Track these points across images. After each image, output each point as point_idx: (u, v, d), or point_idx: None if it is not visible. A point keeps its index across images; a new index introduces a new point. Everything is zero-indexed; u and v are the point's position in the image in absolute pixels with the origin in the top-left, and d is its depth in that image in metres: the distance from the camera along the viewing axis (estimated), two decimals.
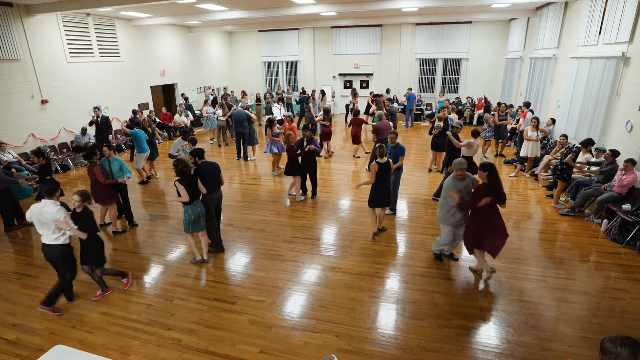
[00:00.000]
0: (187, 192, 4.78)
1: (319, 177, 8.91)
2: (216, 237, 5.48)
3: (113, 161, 6.03)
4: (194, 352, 3.65)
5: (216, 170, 5.29)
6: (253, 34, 18.57)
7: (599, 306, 4.21)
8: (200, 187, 5.04)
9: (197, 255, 5.29)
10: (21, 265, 5.35)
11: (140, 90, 13.32)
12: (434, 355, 3.55)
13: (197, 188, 4.98)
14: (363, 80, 17.97)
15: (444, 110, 9.99)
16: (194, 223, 4.99)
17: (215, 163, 5.37)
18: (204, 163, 5.25)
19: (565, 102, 9.33)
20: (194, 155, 5.30)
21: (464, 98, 16.37)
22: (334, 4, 10.82)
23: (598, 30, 7.96)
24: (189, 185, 4.82)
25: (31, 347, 3.76)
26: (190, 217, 4.94)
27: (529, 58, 12.34)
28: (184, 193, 4.77)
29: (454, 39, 16.03)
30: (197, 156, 5.27)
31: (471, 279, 4.77)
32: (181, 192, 4.78)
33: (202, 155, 5.29)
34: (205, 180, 5.12)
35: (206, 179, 5.14)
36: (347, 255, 5.41)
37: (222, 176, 5.42)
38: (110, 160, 6.03)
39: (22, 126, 9.39)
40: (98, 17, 11.23)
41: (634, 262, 5.11)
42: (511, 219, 6.55)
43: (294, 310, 4.25)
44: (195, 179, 4.98)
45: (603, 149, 6.75)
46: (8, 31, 8.77)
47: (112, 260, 5.43)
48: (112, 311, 4.29)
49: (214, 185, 5.28)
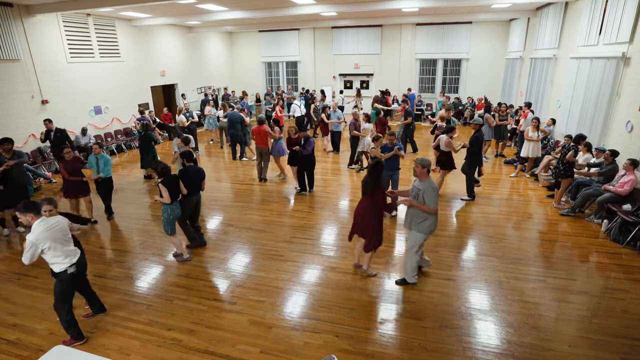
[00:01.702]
0: (169, 193, 4.90)
1: (320, 178, 8.93)
2: (191, 235, 5.63)
3: (100, 158, 6.41)
4: (194, 352, 3.65)
5: (199, 175, 5.44)
6: (253, 34, 18.58)
7: (599, 306, 4.21)
8: (182, 187, 5.13)
9: (184, 254, 5.36)
10: (21, 265, 5.34)
11: (140, 90, 13.33)
12: (434, 355, 3.55)
13: (178, 189, 5.09)
14: (363, 80, 17.98)
15: (449, 113, 9.92)
16: (171, 223, 5.09)
17: (201, 169, 5.53)
18: (190, 166, 5.38)
19: (565, 102, 9.33)
20: (182, 156, 5.46)
21: (464, 98, 16.37)
22: (334, 4, 10.82)
23: (598, 30, 7.97)
24: (170, 186, 4.93)
25: (31, 347, 3.76)
26: (169, 217, 5.05)
27: (529, 58, 12.34)
28: (165, 194, 4.88)
29: (454, 39, 16.04)
30: (185, 158, 5.42)
31: (471, 279, 4.76)
32: (163, 194, 4.90)
33: (190, 158, 5.42)
34: (187, 182, 5.25)
35: (189, 181, 5.27)
36: (347, 255, 5.41)
37: (204, 183, 5.58)
38: (98, 157, 6.40)
39: (22, 126, 9.40)
40: (98, 17, 11.24)
41: (634, 262, 5.11)
42: (511, 219, 6.55)
43: (294, 310, 4.25)
44: (177, 180, 5.09)
45: (603, 149, 6.75)
46: (8, 31, 8.78)
47: (112, 260, 5.44)
48: (112, 311, 4.28)
49: (195, 188, 5.39)
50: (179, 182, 5.12)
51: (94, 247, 5.86)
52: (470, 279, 4.78)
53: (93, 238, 6.18)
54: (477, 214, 6.76)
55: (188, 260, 5.34)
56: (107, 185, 6.67)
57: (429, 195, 4.15)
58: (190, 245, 5.67)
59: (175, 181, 5.04)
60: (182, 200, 5.23)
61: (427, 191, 4.16)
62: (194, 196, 5.41)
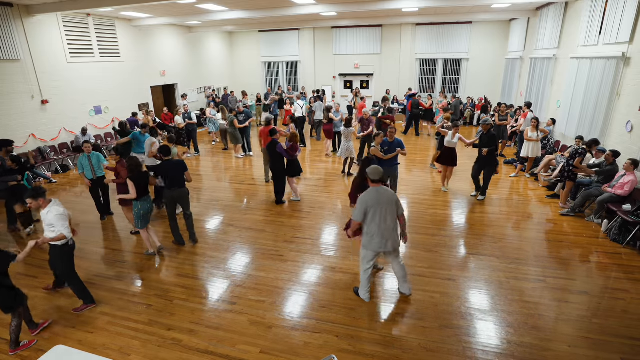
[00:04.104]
0: (136, 189, 5.10)
1: (320, 177, 8.93)
2: (175, 232, 5.74)
3: (92, 156, 6.38)
4: (194, 352, 3.65)
5: (180, 168, 5.48)
6: (253, 34, 18.58)
7: (599, 306, 4.21)
8: (131, 188, 5.11)
9: (149, 248, 5.52)
10: (21, 265, 5.34)
11: (140, 90, 13.33)
12: (434, 355, 3.55)
13: (146, 185, 5.27)
14: (363, 80, 17.98)
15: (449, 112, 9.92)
16: (142, 217, 5.25)
17: (181, 161, 5.56)
18: (168, 161, 5.44)
19: (565, 102, 9.33)
20: (160, 151, 5.59)
21: (464, 98, 16.37)
22: (334, 4, 10.82)
23: (598, 30, 7.97)
24: (138, 182, 5.12)
25: (31, 347, 3.75)
26: (140, 211, 5.21)
27: (529, 58, 12.34)
28: (132, 190, 5.08)
29: (454, 39, 16.03)
30: (162, 152, 5.51)
31: (471, 279, 4.76)
32: (130, 189, 5.09)
33: (167, 153, 5.48)
34: (166, 176, 5.41)
35: (168, 175, 5.40)
36: (347, 255, 5.41)
37: (188, 174, 5.60)
38: (90, 155, 6.37)
39: (22, 126, 9.40)
40: (98, 17, 11.24)
41: (634, 262, 5.11)
42: (511, 219, 6.56)
43: (294, 310, 4.25)
44: (146, 177, 5.28)
45: (603, 149, 6.74)
46: (8, 31, 8.78)
47: (112, 260, 5.44)
48: (112, 311, 4.29)
49: (176, 182, 5.46)
50: (148, 179, 5.33)
51: (94, 247, 5.86)
52: (470, 279, 4.78)
53: (93, 238, 6.18)
54: (477, 214, 6.76)
55: (152, 255, 5.49)
56: (101, 184, 6.64)
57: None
58: (174, 242, 5.82)
59: (144, 177, 5.25)
60: (163, 194, 5.52)
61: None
62: (174, 191, 5.48)
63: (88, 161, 6.38)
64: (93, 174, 6.45)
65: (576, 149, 6.67)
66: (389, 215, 3.94)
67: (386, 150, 6.53)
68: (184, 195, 5.60)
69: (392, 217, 3.97)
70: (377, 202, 3.89)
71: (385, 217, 3.92)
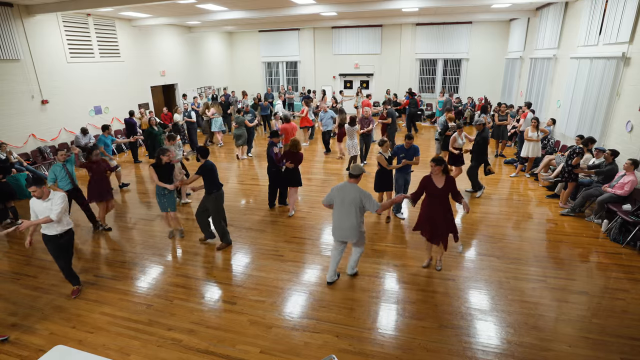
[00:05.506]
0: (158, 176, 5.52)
1: (320, 177, 8.93)
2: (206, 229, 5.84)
3: (67, 163, 5.90)
4: (194, 352, 3.65)
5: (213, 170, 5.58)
6: (253, 34, 18.58)
7: (599, 306, 4.20)
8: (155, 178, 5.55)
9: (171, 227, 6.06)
10: (21, 265, 5.34)
11: (140, 90, 13.33)
12: (434, 355, 3.55)
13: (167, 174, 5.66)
14: (363, 80, 17.98)
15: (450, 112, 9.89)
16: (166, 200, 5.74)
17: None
18: (208, 161, 5.51)
19: (565, 102, 9.33)
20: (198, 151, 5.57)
21: (464, 98, 16.37)
22: (334, 4, 10.82)
23: (598, 30, 7.97)
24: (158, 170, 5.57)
25: (31, 347, 3.75)
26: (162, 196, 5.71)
27: (529, 58, 12.34)
28: (155, 176, 5.52)
29: (454, 39, 16.04)
30: (200, 154, 5.51)
31: (471, 279, 4.76)
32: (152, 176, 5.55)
33: (205, 154, 5.49)
34: (213, 175, 5.52)
35: (213, 175, 5.52)
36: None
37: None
38: (65, 163, 5.86)
39: (22, 126, 9.40)
40: (98, 17, 11.24)
41: (634, 262, 5.11)
42: (511, 219, 6.56)
43: (294, 310, 4.25)
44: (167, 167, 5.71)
45: (603, 149, 6.75)
46: (8, 31, 8.78)
47: (112, 260, 5.44)
48: (112, 311, 4.29)
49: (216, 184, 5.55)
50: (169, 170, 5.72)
51: (94, 247, 5.86)
52: (470, 279, 4.78)
53: (93, 238, 6.18)
54: (477, 214, 6.76)
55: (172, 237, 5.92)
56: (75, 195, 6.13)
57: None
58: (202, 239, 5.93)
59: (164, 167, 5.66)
60: (217, 196, 5.53)
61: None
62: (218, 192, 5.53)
63: (65, 170, 5.81)
64: (72, 182, 5.94)
65: (574, 149, 6.67)
66: (352, 210, 4.25)
67: (402, 157, 6.22)
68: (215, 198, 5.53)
69: (354, 214, 4.26)
70: (342, 196, 4.27)
71: (348, 212, 4.26)
